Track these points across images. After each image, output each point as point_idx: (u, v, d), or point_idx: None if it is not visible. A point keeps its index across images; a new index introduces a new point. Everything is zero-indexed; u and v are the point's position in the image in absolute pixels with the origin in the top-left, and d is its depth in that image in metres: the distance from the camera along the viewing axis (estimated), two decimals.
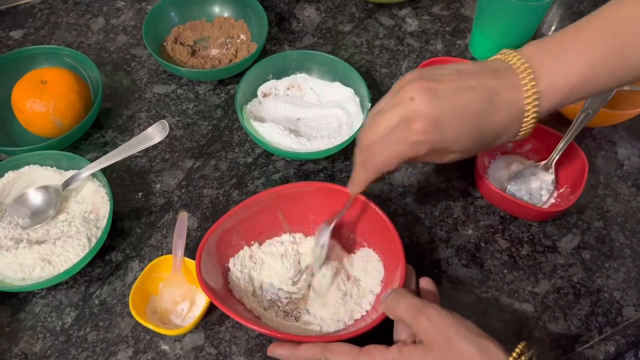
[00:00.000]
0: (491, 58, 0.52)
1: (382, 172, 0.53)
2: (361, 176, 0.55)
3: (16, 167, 0.68)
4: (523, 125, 0.50)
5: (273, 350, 0.54)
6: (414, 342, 0.49)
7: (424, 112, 0.48)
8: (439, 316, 0.48)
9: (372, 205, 0.61)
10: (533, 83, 0.48)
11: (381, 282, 0.60)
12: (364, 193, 0.58)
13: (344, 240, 0.65)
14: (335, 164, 0.74)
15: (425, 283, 0.56)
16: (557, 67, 0.49)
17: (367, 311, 0.59)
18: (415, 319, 0.48)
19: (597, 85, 0.50)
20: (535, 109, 0.49)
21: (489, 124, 0.49)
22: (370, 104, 0.73)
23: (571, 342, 0.61)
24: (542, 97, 0.49)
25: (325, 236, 0.61)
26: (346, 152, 0.75)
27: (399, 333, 0.53)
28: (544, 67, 0.49)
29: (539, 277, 0.65)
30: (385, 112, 0.50)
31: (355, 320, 0.58)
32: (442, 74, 0.50)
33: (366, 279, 0.61)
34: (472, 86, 0.49)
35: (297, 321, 0.59)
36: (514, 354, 0.45)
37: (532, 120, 0.50)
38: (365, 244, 0.64)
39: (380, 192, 0.71)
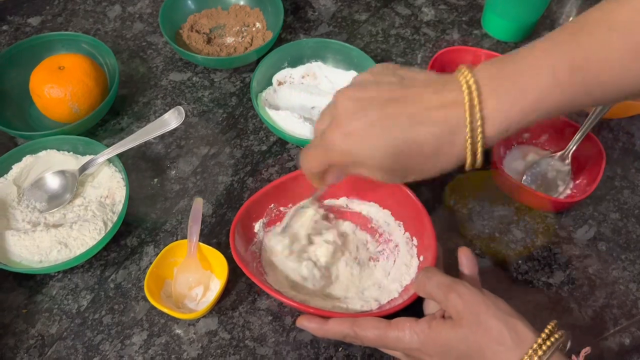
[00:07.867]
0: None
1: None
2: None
3: (34, 151, 0.69)
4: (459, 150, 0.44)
5: (302, 322, 0.54)
6: (444, 317, 0.50)
7: (341, 119, 0.45)
8: (469, 294, 0.48)
9: (406, 190, 0.62)
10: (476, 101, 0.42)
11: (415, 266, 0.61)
12: None
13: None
14: None
15: (464, 253, 0.55)
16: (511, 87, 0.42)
17: (399, 293, 0.59)
18: (445, 295, 0.49)
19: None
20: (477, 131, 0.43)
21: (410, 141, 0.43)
22: None
23: (585, 333, 0.60)
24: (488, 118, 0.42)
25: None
26: None
27: (429, 310, 0.54)
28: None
29: (553, 268, 0.65)
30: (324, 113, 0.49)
31: (383, 303, 0.59)
32: (376, 82, 0.46)
33: (397, 260, 0.62)
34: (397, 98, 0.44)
35: (324, 299, 0.60)
36: (543, 335, 0.45)
37: (473, 145, 0.44)
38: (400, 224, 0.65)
39: None
